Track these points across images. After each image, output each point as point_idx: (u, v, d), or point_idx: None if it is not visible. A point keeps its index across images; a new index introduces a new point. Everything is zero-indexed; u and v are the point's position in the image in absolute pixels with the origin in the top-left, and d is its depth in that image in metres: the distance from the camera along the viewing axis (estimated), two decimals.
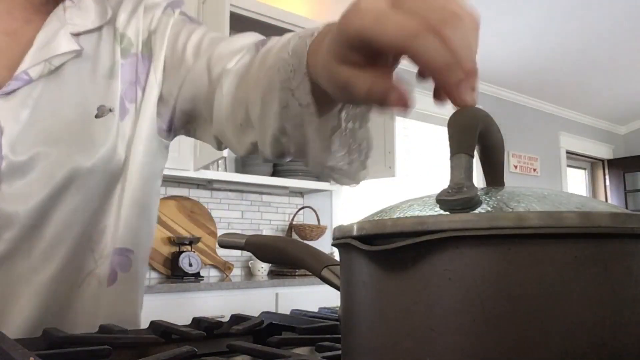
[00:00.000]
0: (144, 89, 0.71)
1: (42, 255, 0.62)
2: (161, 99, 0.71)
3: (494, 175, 0.36)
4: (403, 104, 0.36)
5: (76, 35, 0.67)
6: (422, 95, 0.94)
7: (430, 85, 0.35)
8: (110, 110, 0.67)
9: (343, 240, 0.31)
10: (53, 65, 0.64)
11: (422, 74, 0.35)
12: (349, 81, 0.38)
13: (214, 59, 0.66)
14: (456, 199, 0.27)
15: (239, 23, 2.68)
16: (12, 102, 0.61)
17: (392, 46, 0.34)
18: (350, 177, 0.56)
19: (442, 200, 0.27)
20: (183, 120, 0.72)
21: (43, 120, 0.62)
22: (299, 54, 0.48)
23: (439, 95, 0.34)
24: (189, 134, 0.75)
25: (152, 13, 0.73)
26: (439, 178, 4.09)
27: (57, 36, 0.65)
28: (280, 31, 1.56)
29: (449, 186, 0.28)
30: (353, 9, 0.36)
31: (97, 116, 0.66)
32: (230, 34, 2.34)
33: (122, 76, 0.70)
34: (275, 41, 0.60)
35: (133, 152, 0.69)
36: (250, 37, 0.67)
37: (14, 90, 0.61)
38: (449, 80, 0.32)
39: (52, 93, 0.64)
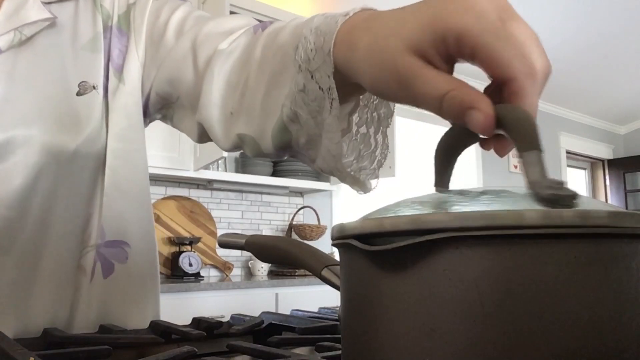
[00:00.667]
0: (121, 68, 0.64)
1: (24, 250, 0.57)
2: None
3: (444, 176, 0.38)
4: (487, 128, 0.31)
5: (47, 3, 0.61)
6: None
7: None
8: (94, 87, 0.62)
9: (343, 240, 0.31)
10: (24, 35, 0.58)
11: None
12: (416, 76, 0.33)
13: (200, 40, 0.58)
14: (562, 194, 0.26)
15: None
16: None
17: (504, 68, 0.30)
18: (358, 184, 0.49)
19: (546, 195, 0.26)
20: (159, 105, 0.66)
21: (18, 97, 0.57)
22: (325, 32, 0.42)
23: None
24: (165, 119, 0.68)
25: None
26: None
27: (25, 4, 0.59)
28: None
29: (541, 182, 0.27)
30: (458, 2, 0.31)
31: (78, 94, 0.60)
32: None
33: (105, 50, 0.64)
34: (282, 23, 0.53)
35: (110, 137, 0.62)
36: (243, 19, 0.60)
37: None
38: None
39: (26, 67, 0.58)
